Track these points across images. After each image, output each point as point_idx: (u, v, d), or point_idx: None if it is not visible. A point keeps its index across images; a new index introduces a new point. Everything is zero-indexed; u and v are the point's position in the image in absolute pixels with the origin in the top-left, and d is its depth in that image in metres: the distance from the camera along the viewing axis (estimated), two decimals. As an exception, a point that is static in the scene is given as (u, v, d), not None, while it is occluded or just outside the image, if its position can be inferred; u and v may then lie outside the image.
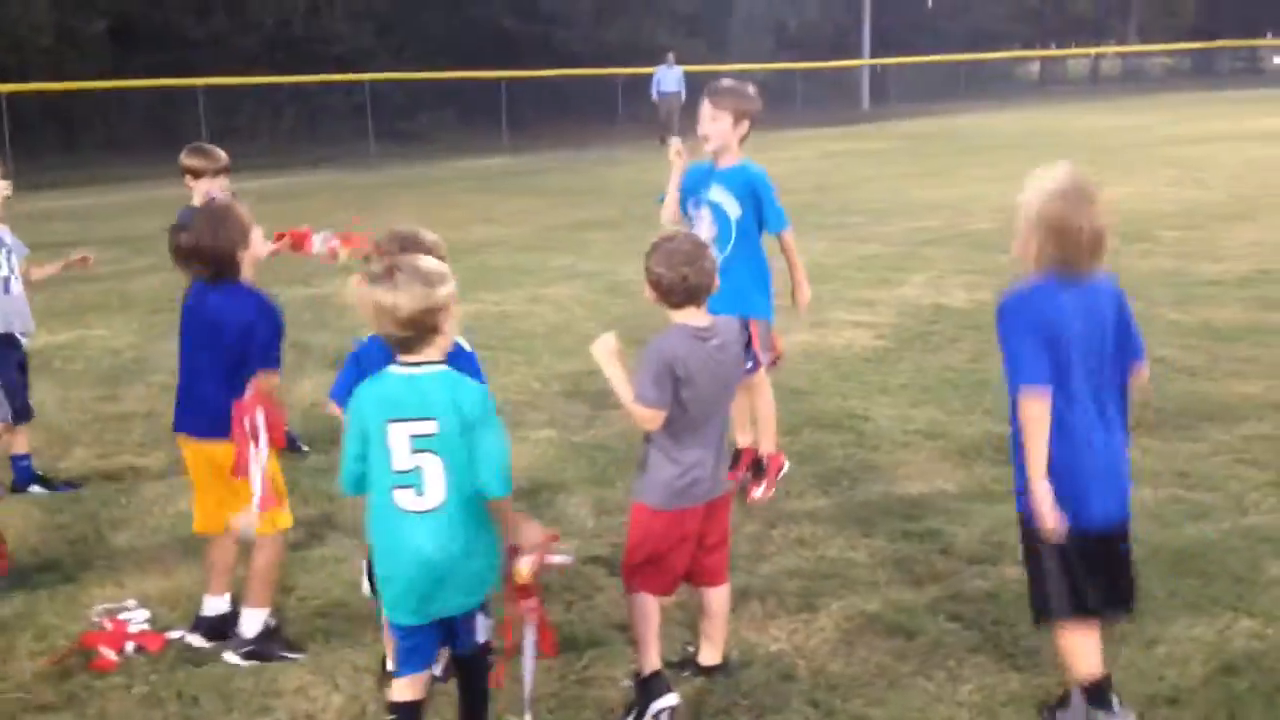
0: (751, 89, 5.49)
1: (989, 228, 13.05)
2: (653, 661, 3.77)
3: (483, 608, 3.46)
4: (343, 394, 3.77)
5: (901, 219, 14.48)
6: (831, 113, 36.73)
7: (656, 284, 3.65)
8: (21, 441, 5.96)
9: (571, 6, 35.82)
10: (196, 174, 6.23)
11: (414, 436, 3.20)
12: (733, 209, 5.36)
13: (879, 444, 6.24)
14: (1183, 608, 4.33)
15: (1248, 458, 5.81)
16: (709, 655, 4.00)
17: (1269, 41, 62.93)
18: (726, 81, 5.52)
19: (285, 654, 4.22)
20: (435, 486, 3.21)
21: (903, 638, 4.21)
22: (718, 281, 3.74)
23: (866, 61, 43.42)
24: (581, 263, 12.26)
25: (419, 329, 3.21)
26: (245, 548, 4.33)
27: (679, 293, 3.64)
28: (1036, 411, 3.41)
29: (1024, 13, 59.20)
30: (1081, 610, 3.56)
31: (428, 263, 3.29)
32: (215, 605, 4.40)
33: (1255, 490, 5.41)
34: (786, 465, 5.77)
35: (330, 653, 4.24)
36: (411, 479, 3.22)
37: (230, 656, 4.21)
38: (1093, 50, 59.04)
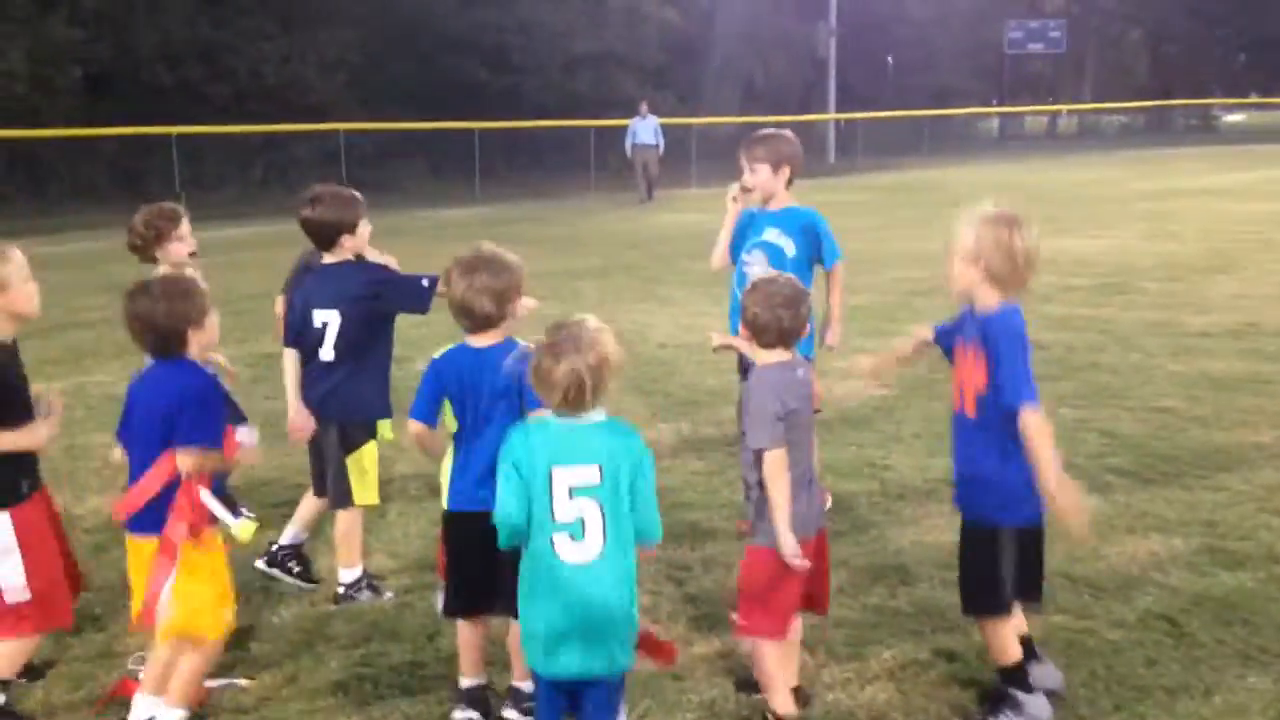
0: (788, 134, 5.58)
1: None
2: (787, 703, 3.83)
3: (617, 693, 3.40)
4: (424, 410, 3.73)
5: (888, 270, 14.61)
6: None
7: (752, 323, 3.71)
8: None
9: (540, 58, 36.01)
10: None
11: (575, 485, 3.16)
12: (789, 248, 5.44)
13: (903, 492, 6.26)
14: (1233, 656, 4.34)
15: (1270, 506, 5.86)
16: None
17: (1222, 100, 64.42)
18: (760, 133, 5.62)
19: None
20: (594, 536, 3.17)
21: (957, 686, 4.20)
22: (809, 328, 3.79)
23: (833, 116, 43.90)
24: (576, 311, 12.05)
25: (589, 393, 3.21)
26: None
27: (772, 333, 3.69)
28: (1043, 423, 3.65)
29: (982, 70, 60.52)
30: (1015, 598, 3.95)
31: (591, 326, 3.30)
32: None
33: (1283, 539, 5.45)
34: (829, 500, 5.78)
35: (380, 703, 4.16)
36: (572, 528, 3.17)
37: None
38: (1052, 108, 60.22)
